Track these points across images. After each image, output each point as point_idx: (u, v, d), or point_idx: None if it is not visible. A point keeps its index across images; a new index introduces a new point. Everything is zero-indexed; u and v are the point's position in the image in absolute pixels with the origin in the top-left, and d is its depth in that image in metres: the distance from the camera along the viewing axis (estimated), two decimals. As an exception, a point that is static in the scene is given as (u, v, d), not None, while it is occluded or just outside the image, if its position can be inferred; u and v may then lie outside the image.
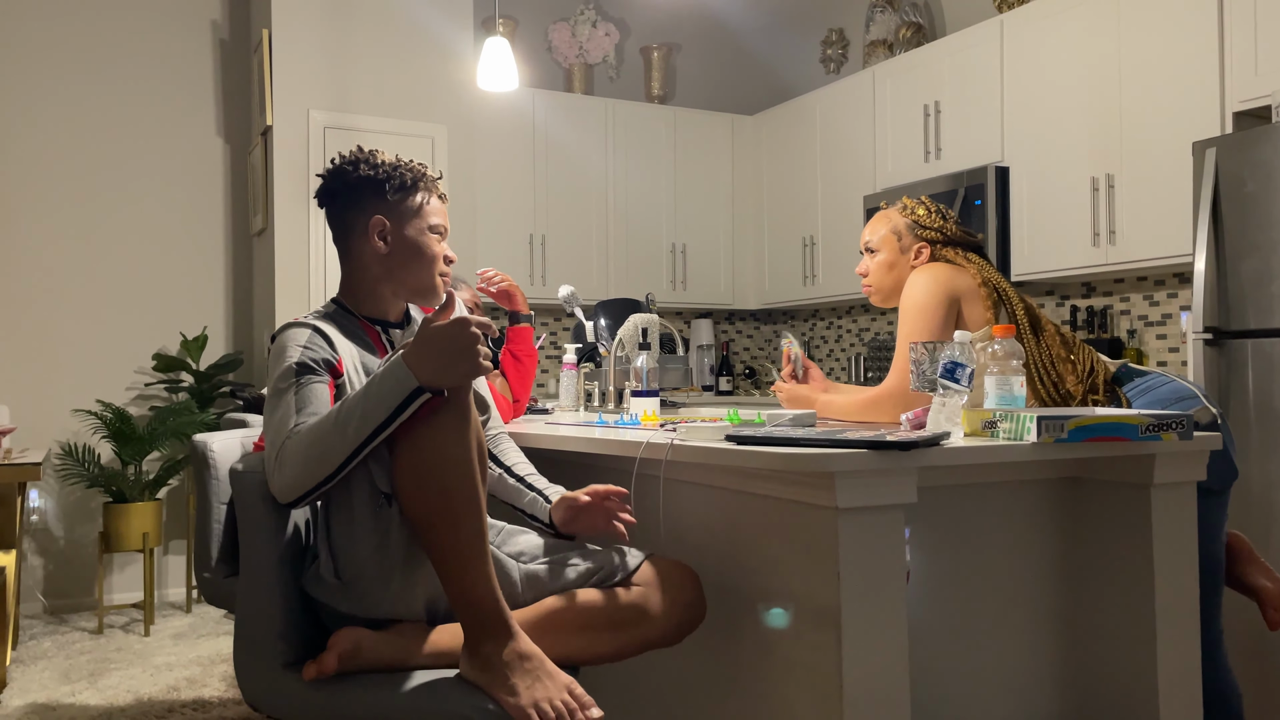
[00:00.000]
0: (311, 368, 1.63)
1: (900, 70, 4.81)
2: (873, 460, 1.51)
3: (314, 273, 4.46)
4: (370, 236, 1.79)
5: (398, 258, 1.80)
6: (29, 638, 4.05)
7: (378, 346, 1.81)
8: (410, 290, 1.83)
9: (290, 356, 1.64)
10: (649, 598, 1.67)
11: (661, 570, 1.72)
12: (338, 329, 1.75)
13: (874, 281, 2.38)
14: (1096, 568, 1.87)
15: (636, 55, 5.96)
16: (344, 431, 1.50)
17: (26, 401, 4.49)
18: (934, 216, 2.34)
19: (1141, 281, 4.09)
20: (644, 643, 1.67)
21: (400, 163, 1.82)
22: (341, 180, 1.80)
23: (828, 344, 5.84)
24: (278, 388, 1.62)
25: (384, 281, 1.82)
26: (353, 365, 1.71)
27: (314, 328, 1.70)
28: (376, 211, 1.79)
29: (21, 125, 4.53)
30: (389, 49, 4.63)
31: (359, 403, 1.50)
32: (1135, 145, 3.73)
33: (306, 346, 1.66)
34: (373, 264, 1.80)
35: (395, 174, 1.79)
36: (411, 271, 1.81)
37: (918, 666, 1.76)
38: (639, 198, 5.54)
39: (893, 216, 2.38)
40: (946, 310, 2.17)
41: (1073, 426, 1.65)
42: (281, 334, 1.70)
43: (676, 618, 1.68)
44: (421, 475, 1.50)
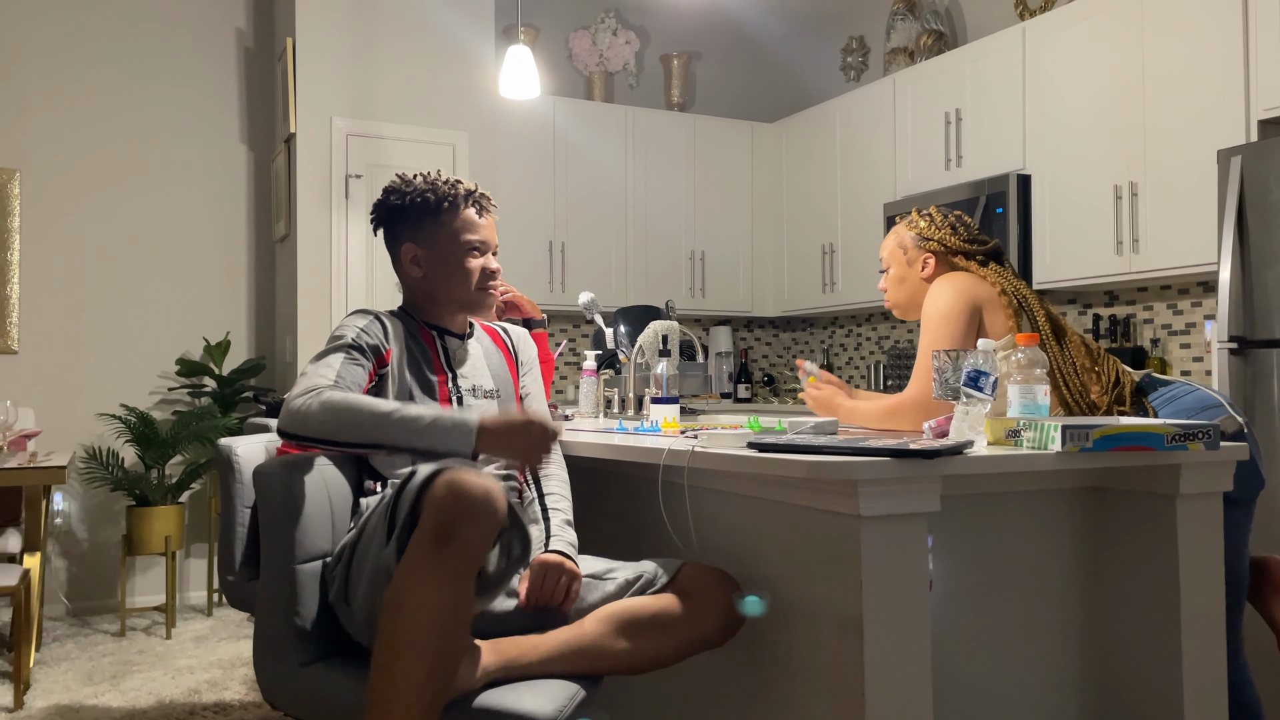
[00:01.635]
0: (362, 349, 1.77)
1: (921, 78, 4.80)
2: (896, 468, 1.51)
3: (336, 279, 4.49)
4: (405, 263, 1.91)
5: (433, 280, 1.90)
6: (52, 639, 4.09)
7: (432, 350, 1.91)
8: (456, 306, 1.93)
9: (347, 332, 1.80)
10: (691, 601, 1.71)
11: (699, 575, 1.75)
12: (399, 326, 1.89)
13: (890, 296, 2.45)
14: (1121, 579, 1.85)
15: (656, 63, 5.97)
16: (385, 425, 1.61)
17: (51, 405, 4.54)
18: (935, 228, 2.35)
19: (1165, 290, 4.06)
20: (693, 643, 1.70)
21: (431, 184, 1.89)
22: (380, 211, 1.93)
23: (847, 352, 5.82)
24: (330, 348, 1.77)
25: (430, 300, 1.93)
26: (400, 359, 1.83)
27: (377, 316, 1.85)
28: (407, 239, 1.90)
29: (48, 132, 4.58)
30: (411, 57, 4.67)
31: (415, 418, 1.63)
32: (1159, 153, 3.71)
33: (364, 330, 1.80)
34: (416, 287, 1.93)
35: (420, 199, 1.88)
36: (450, 292, 1.90)
37: (940, 676, 1.75)
38: (658, 205, 5.55)
39: (900, 231, 2.43)
40: (968, 319, 2.18)
41: (1097, 436, 1.64)
42: (349, 315, 1.86)
43: (721, 618, 1.72)
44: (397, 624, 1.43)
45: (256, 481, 1.70)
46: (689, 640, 1.69)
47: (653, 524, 2.10)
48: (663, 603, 1.70)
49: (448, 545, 1.42)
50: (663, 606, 1.70)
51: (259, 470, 1.70)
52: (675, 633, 1.68)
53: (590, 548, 2.35)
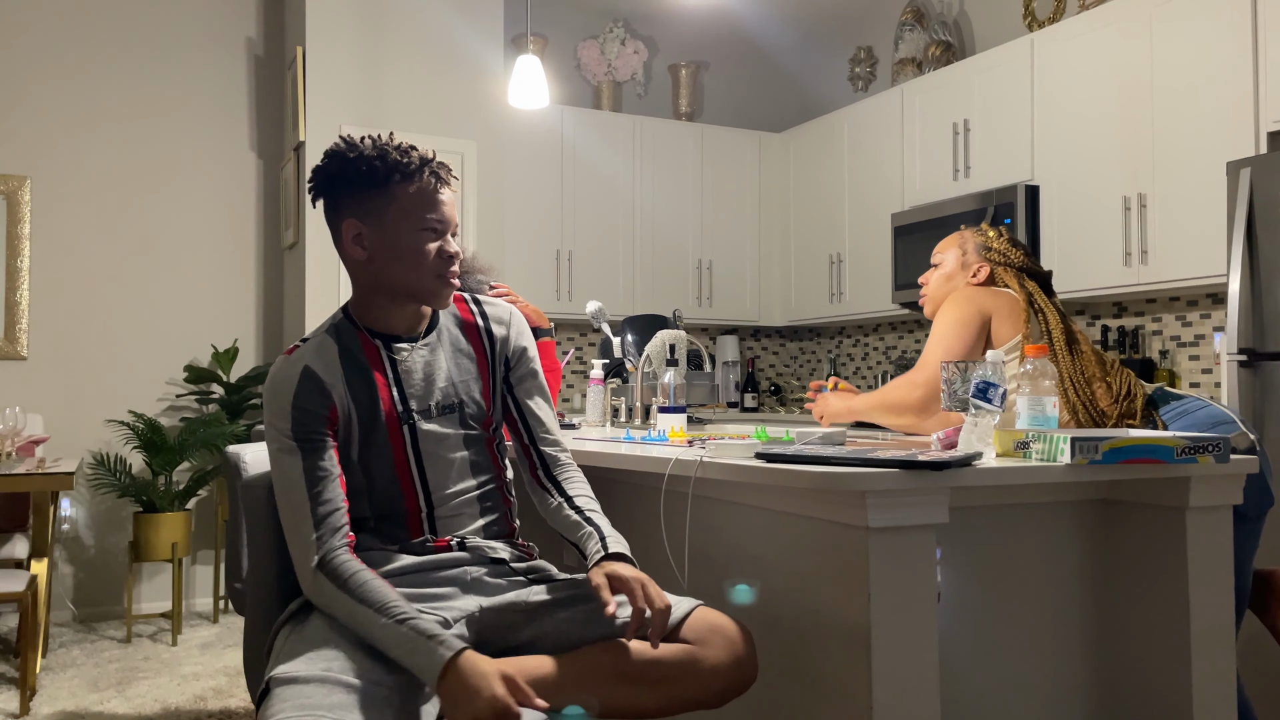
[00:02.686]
0: (308, 435, 1.55)
1: (929, 88, 4.80)
2: (904, 480, 1.50)
3: (344, 287, 4.49)
4: (346, 242, 1.59)
5: (380, 263, 1.59)
6: (58, 645, 4.10)
7: (374, 365, 1.64)
8: (407, 295, 1.63)
9: (282, 429, 1.55)
10: (696, 654, 1.51)
11: (713, 624, 1.55)
12: (336, 351, 1.62)
13: (930, 291, 2.46)
14: (1130, 592, 1.85)
15: (664, 73, 5.99)
16: (369, 631, 1.45)
17: (60, 411, 4.55)
18: (1004, 242, 2.41)
19: (1174, 302, 4.05)
20: (686, 702, 1.51)
21: (380, 150, 1.57)
22: (318, 178, 1.60)
23: (854, 362, 5.81)
24: (281, 462, 1.55)
25: (377, 291, 1.63)
26: (343, 396, 1.60)
27: (304, 370, 1.58)
28: (350, 214, 1.58)
29: (58, 140, 4.61)
30: (421, 66, 4.68)
31: (393, 639, 1.42)
32: (1168, 164, 3.70)
33: (296, 406, 1.56)
34: (357, 272, 1.63)
35: (366, 167, 1.55)
36: (399, 276, 1.60)
37: (948, 688, 1.74)
38: (666, 214, 5.56)
39: (966, 235, 2.46)
40: (977, 329, 2.20)
41: (1107, 448, 1.63)
42: (273, 380, 1.59)
43: (724, 679, 1.51)
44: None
45: (243, 493, 1.70)
46: (682, 699, 1.50)
47: (659, 535, 2.10)
48: (662, 652, 1.50)
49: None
50: (660, 656, 1.50)
51: (245, 483, 1.71)
52: (669, 687, 1.49)
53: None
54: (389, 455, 1.64)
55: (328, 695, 1.35)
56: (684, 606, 1.58)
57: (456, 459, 1.69)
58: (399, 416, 1.64)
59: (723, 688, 1.51)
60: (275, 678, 1.40)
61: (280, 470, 1.56)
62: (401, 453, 1.65)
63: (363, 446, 1.64)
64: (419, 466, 1.66)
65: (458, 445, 1.70)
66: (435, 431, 1.67)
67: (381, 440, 1.64)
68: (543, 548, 1.94)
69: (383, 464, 1.64)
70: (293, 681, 1.38)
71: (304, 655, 1.43)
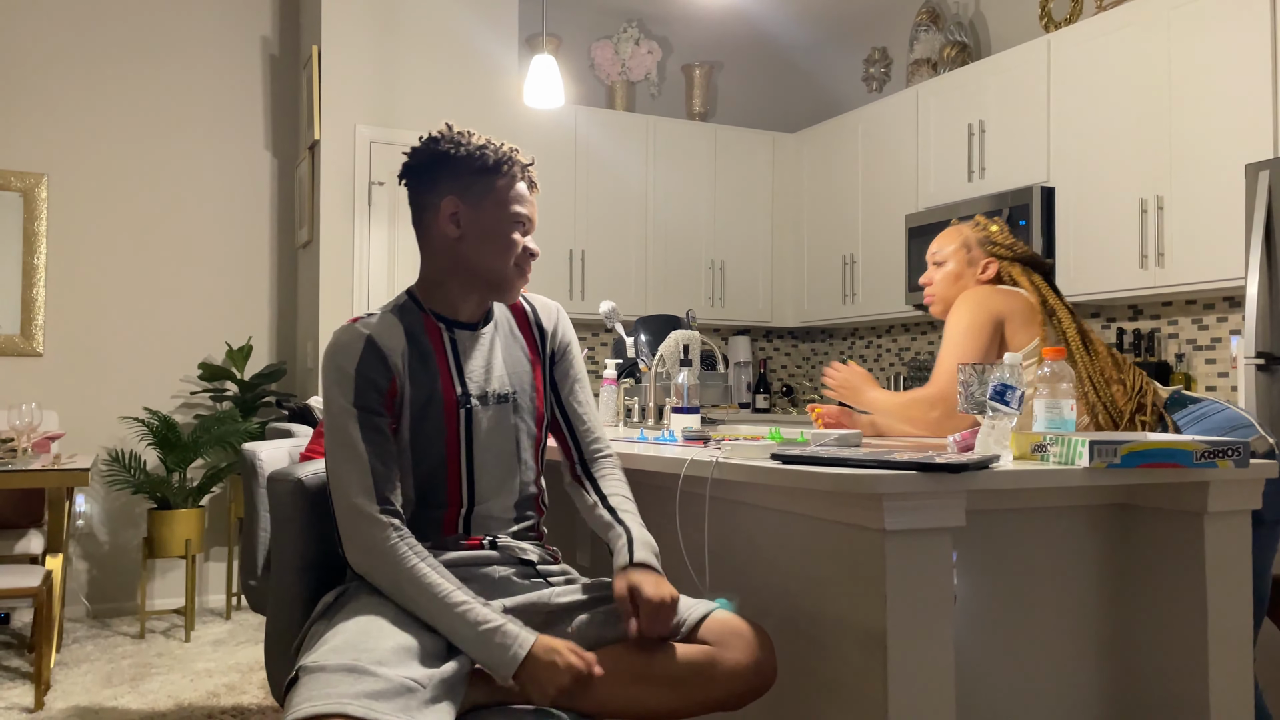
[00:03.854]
0: (370, 407, 1.58)
1: (944, 89, 4.78)
2: (921, 482, 1.50)
3: (358, 285, 4.51)
4: (441, 218, 1.65)
5: (470, 244, 1.65)
6: (72, 641, 4.12)
7: (437, 349, 1.67)
8: (482, 282, 1.68)
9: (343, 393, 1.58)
10: (715, 655, 1.53)
11: (731, 626, 1.57)
12: (398, 327, 1.65)
13: (938, 291, 2.42)
14: (1147, 596, 1.83)
15: (678, 73, 5.98)
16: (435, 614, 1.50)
17: (75, 408, 4.58)
18: (1006, 235, 2.39)
19: (1190, 305, 4.03)
20: (705, 703, 1.52)
21: (488, 143, 1.67)
22: (421, 156, 1.67)
23: (867, 363, 5.80)
24: (341, 425, 1.57)
25: (452, 272, 1.68)
26: (404, 375, 1.62)
27: (367, 339, 1.60)
28: (451, 192, 1.65)
29: (75, 138, 4.63)
30: (435, 65, 4.69)
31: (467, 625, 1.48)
32: (1186, 167, 3.68)
33: (359, 373, 1.58)
34: (442, 251, 1.67)
35: (478, 154, 1.65)
36: (482, 260, 1.66)
37: (963, 692, 1.73)
38: (679, 214, 5.55)
39: (964, 230, 2.42)
40: (991, 334, 2.19)
41: (1126, 452, 1.62)
42: (334, 345, 1.61)
43: (743, 680, 1.52)
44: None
45: (269, 486, 1.71)
46: (701, 700, 1.51)
47: (675, 536, 2.10)
48: (680, 652, 1.53)
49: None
50: (678, 656, 1.52)
51: (273, 475, 1.72)
52: (687, 689, 1.51)
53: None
54: (441, 437, 1.65)
55: (355, 684, 1.37)
56: (702, 608, 1.60)
57: (504, 452, 1.71)
58: (457, 400, 1.66)
59: (742, 689, 1.53)
60: (305, 666, 1.41)
61: (337, 433, 1.57)
62: (454, 436, 1.66)
63: (415, 426, 1.63)
64: (468, 452, 1.67)
65: (508, 437, 1.71)
66: (489, 419, 1.69)
67: (436, 422, 1.64)
68: (562, 547, 1.94)
69: (433, 446, 1.64)
70: (321, 670, 1.39)
71: (334, 646, 1.44)
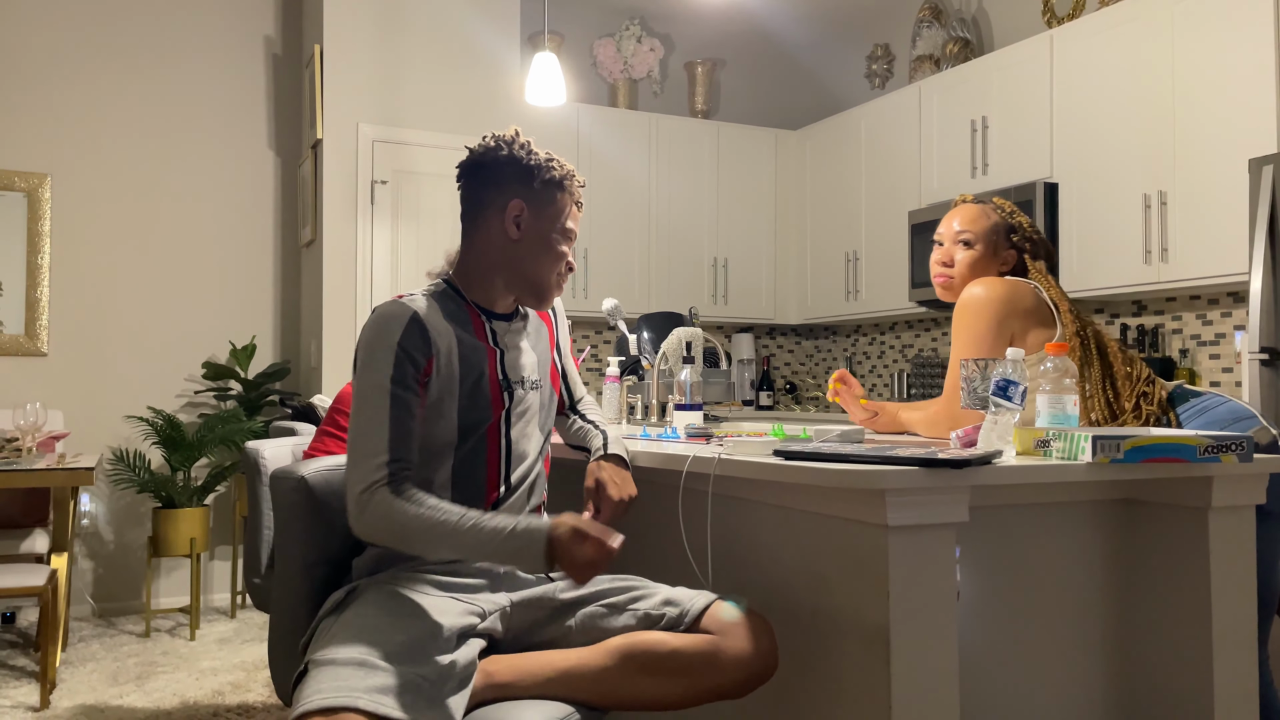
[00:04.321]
0: (404, 382, 1.61)
1: (947, 85, 4.78)
2: (924, 478, 1.49)
3: (361, 284, 4.51)
4: (505, 218, 1.74)
5: (526, 247, 1.75)
6: (78, 639, 4.13)
7: (479, 333, 1.75)
8: (527, 284, 1.78)
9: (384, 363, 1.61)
10: (718, 644, 1.57)
11: (733, 616, 1.62)
12: (441, 311, 1.71)
13: (959, 274, 2.26)
14: (1151, 592, 1.83)
15: (681, 71, 5.98)
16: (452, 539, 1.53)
17: (80, 407, 4.58)
18: (1034, 227, 2.28)
19: (1194, 300, 4.02)
20: (711, 691, 1.56)
21: (553, 158, 1.78)
22: (491, 156, 1.75)
23: (869, 360, 5.79)
24: (370, 396, 1.60)
25: (500, 270, 1.77)
26: (448, 352, 1.68)
27: (414, 315, 1.65)
28: (518, 196, 1.74)
29: (78, 138, 4.64)
30: (438, 64, 4.69)
31: (483, 536, 1.52)
32: (1189, 162, 3.67)
33: (403, 346, 1.62)
34: (496, 248, 1.76)
35: (547, 166, 1.76)
36: (533, 265, 1.76)
37: (966, 688, 1.73)
38: (682, 212, 5.55)
39: (991, 214, 2.26)
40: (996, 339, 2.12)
41: (1129, 447, 1.62)
42: (381, 317, 1.64)
43: (747, 668, 1.57)
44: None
45: (272, 484, 1.72)
46: (706, 689, 1.56)
47: (678, 533, 2.10)
48: (683, 642, 1.57)
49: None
50: (682, 646, 1.56)
51: (276, 474, 1.72)
52: (691, 678, 1.55)
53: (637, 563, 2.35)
54: (487, 415, 1.71)
55: (365, 678, 1.39)
56: (703, 599, 1.64)
57: (534, 436, 1.81)
58: (500, 383, 1.75)
59: (745, 677, 1.56)
60: (315, 660, 1.43)
61: (366, 403, 1.60)
62: (499, 414, 1.73)
63: (463, 403, 1.69)
64: (507, 433, 1.75)
65: (536, 424, 1.82)
66: (524, 405, 1.79)
67: (483, 401, 1.71)
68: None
69: (478, 421, 1.70)
70: (331, 664, 1.41)
71: (343, 641, 1.46)
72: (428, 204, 4.64)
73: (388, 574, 1.65)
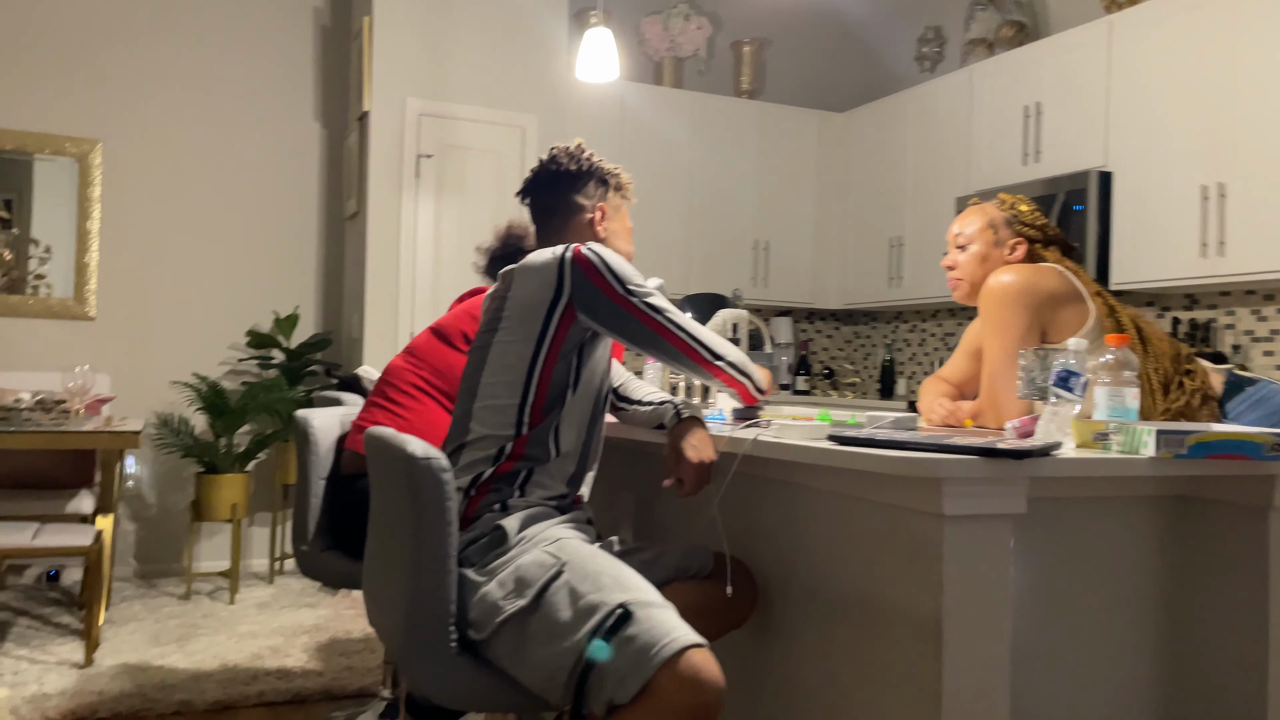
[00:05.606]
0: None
1: (1000, 70, 4.69)
2: (983, 468, 1.47)
3: (404, 257, 4.53)
4: (594, 220, 1.97)
5: (610, 246, 1.98)
6: (121, 600, 4.20)
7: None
8: None
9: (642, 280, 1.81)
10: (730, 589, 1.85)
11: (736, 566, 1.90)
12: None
13: (965, 274, 2.29)
14: (1206, 591, 1.80)
15: (727, 50, 5.92)
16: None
17: (127, 372, 4.65)
18: (1036, 214, 2.27)
19: (1249, 295, 3.93)
20: (726, 627, 1.86)
21: (616, 167, 2.04)
22: (578, 164, 1.98)
23: (910, 348, 5.74)
24: (656, 292, 1.80)
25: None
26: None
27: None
28: (603, 201, 1.99)
29: (129, 105, 4.68)
30: (485, 39, 4.68)
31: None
32: (1250, 153, 3.58)
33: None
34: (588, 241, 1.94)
35: (614, 174, 2.02)
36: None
37: (1015, 681, 1.71)
38: (724, 193, 5.51)
39: (989, 210, 2.30)
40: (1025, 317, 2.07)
41: (1193, 442, 1.58)
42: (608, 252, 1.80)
43: (749, 606, 1.89)
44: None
45: (415, 470, 1.55)
46: (724, 626, 1.85)
47: (701, 511, 2.09)
48: (709, 588, 1.83)
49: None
50: (708, 592, 1.82)
51: (417, 461, 1.55)
52: (715, 617, 1.79)
53: (648, 533, 2.35)
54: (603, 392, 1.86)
55: (675, 616, 1.50)
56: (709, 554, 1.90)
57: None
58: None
59: (748, 612, 1.91)
60: (635, 602, 1.48)
61: (661, 300, 1.79)
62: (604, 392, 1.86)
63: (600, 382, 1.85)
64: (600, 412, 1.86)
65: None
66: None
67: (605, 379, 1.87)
68: (603, 525, 1.94)
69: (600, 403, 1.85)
70: (650, 605, 1.49)
71: (626, 585, 1.52)
72: (472, 179, 4.64)
73: (539, 526, 1.68)
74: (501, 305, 1.78)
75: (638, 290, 1.76)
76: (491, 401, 1.73)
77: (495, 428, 1.72)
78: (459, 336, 2.43)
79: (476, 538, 1.66)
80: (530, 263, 1.78)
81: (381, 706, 2.85)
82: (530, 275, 1.76)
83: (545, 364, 1.73)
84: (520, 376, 1.72)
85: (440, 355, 2.42)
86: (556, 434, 1.75)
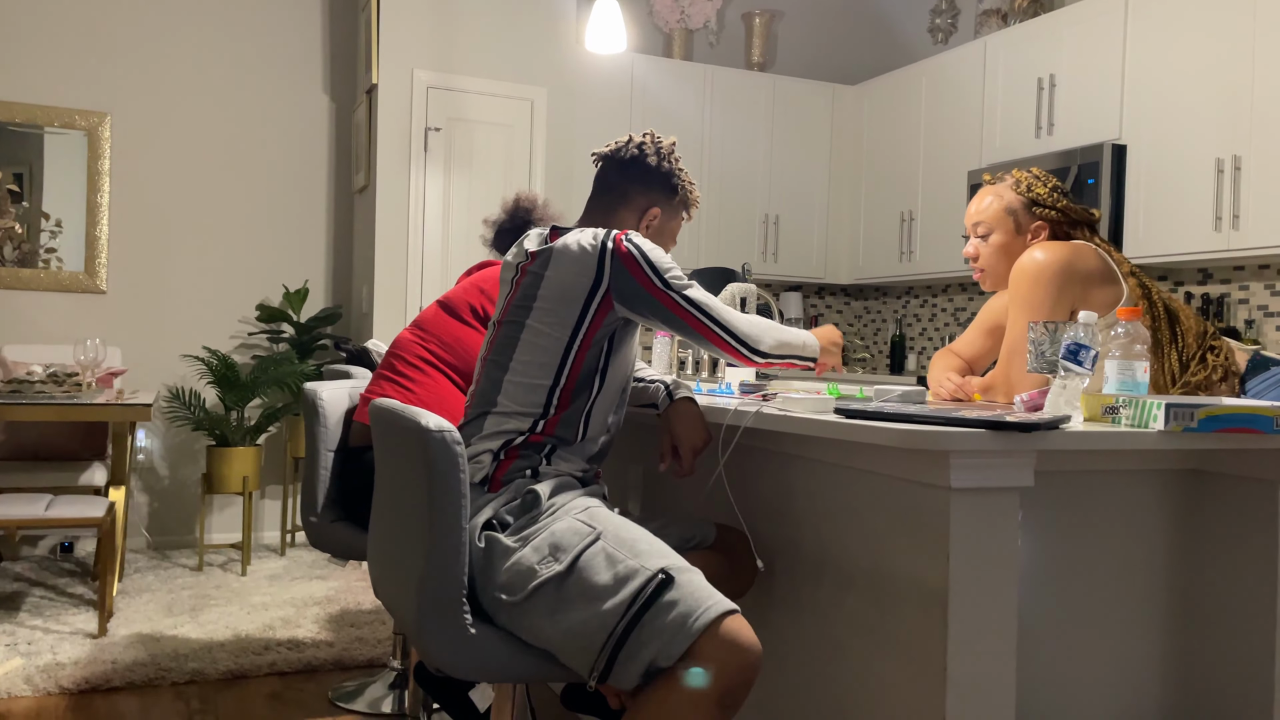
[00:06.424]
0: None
1: (1014, 41, 4.64)
2: (990, 440, 1.46)
3: (413, 230, 4.52)
4: (645, 217, 1.96)
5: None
6: (134, 571, 4.24)
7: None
8: None
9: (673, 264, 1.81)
10: (730, 558, 1.92)
11: (730, 536, 1.96)
12: None
13: (987, 265, 2.24)
14: (1215, 564, 1.79)
15: (738, 21, 5.87)
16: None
17: (138, 345, 4.67)
18: (1053, 194, 2.20)
19: (1264, 269, 3.90)
20: (732, 594, 1.89)
21: (691, 180, 2.03)
22: (648, 158, 1.95)
23: (921, 323, 5.71)
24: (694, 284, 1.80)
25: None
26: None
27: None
28: (657, 204, 1.96)
29: (138, 78, 4.67)
30: (494, 11, 4.64)
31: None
32: (1267, 126, 3.54)
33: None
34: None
35: (689, 187, 2.00)
36: None
37: (1022, 654, 1.71)
38: (734, 166, 5.48)
39: (1005, 194, 2.22)
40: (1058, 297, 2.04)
41: (1203, 416, 1.57)
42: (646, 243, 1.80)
43: (750, 575, 1.95)
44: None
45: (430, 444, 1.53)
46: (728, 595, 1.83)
47: (720, 486, 2.09)
48: (713, 559, 1.88)
49: (728, 712, 1.44)
50: (711, 562, 1.86)
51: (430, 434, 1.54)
52: (719, 587, 1.80)
53: (654, 506, 2.35)
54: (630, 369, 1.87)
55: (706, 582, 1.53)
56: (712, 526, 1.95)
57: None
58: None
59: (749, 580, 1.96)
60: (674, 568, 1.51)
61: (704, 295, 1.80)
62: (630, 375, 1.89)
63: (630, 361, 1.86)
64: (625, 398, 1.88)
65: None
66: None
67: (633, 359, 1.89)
68: (614, 496, 1.94)
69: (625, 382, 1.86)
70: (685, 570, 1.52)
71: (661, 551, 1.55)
72: (481, 151, 4.62)
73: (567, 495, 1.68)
74: (537, 284, 1.75)
75: (675, 283, 1.76)
76: (523, 379, 1.73)
77: (525, 405, 1.73)
78: (466, 310, 2.43)
79: (509, 500, 1.67)
80: (570, 246, 1.75)
81: (391, 677, 2.88)
82: (570, 260, 1.74)
83: (580, 350, 1.74)
84: (555, 359, 1.73)
85: (448, 328, 2.41)
86: (587, 419, 1.76)
